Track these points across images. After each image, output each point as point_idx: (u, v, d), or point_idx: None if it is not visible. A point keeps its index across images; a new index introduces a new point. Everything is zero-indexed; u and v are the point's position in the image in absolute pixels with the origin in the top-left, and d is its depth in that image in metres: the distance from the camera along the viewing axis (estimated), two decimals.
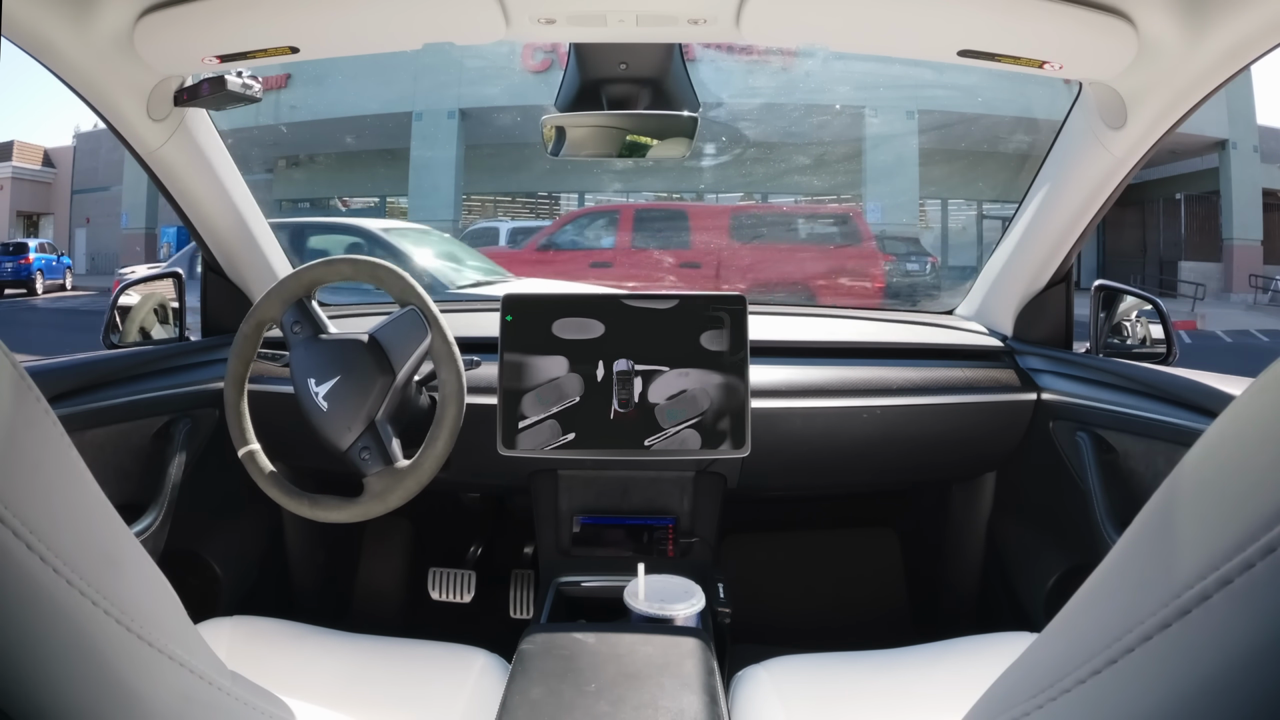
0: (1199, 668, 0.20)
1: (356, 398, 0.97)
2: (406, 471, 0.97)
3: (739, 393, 1.07)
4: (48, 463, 0.28)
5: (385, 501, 0.97)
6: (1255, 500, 0.20)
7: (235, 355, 1.01)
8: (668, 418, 1.07)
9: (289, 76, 12.57)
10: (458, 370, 0.97)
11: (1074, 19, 0.83)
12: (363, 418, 0.97)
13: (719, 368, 1.08)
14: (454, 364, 0.97)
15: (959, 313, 1.44)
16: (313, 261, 1.01)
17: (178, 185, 1.14)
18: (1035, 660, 0.30)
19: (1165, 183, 14.02)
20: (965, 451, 1.28)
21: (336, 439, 0.98)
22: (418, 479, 0.96)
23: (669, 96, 1.07)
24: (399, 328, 0.99)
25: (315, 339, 1.00)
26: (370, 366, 0.97)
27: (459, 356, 0.97)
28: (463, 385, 0.97)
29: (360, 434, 0.98)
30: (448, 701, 0.82)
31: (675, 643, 0.82)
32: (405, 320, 0.99)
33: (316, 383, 0.97)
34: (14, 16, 0.80)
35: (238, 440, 1.01)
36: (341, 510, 0.98)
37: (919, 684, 0.85)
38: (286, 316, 1.01)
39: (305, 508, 0.98)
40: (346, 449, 0.98)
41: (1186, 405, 0.94)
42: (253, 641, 0.90)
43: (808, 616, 1.60)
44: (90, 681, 0.27)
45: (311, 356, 0.99)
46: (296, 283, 1.01)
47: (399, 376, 0.98)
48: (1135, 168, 1.05)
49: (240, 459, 1.01)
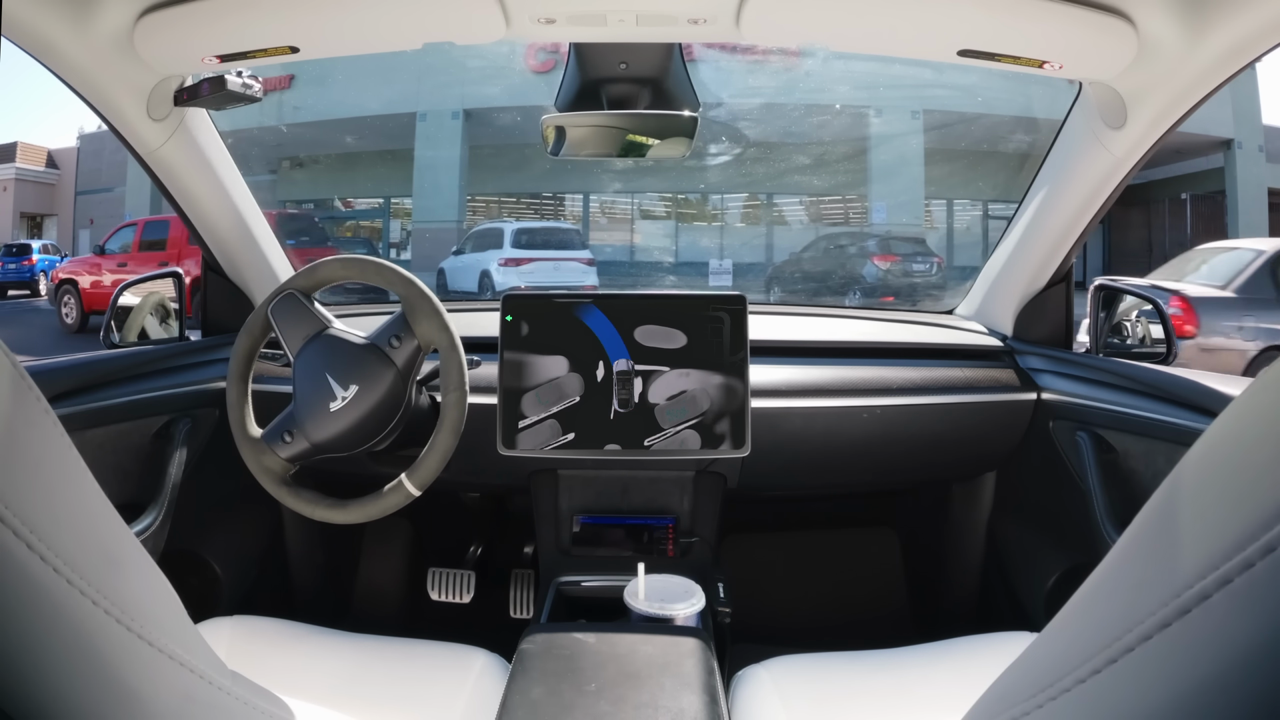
0: (1199, 667, 0.20)
1: (370, 398, 0.96)
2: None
3: (739, 392, 1.07)
4: (48, 462, 0.28)
5: (387, 502, 0.97)
6: (1255, 499, 0.20)
7: (246, 332, 1.01)
8: (668, 418, 1.07)
9: (292, 77, 12.50)
10: (461, 372, 0.96)
11: (1074, 19, 0.83)
12: (377, 419, 0.97)
13: (719, 368, 1.08)
14: (458, 366, 0.96)
15: (959, 312, 1.44)
16: (323, 259, 1.01)
17: (178, 185, 1.14)
18: (1035, 660, 0.30)
19: (1170, 182, 13.93)
20: (965, 451, 1.28)
21: (349, 440, 0.97)
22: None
23: (669, 96, 1.07)
24: (398, 327, 0.98)
25: (325, 335, 0.99)
26: (384, 367, 0.96)
27: (464, 358, 0.97)
28: (465, 388, 0.97)
29: (372, 435, 0.97)
30: (448, 701, 0.82)
31: (675, 642, 0.82)
32: (410, 319, 0.97)
33: (334, 380, 0.96)
34: (14, 16, 0.80)
35: (240, 429, 1.00)
36: (342, 510, 0.98)
37: (919, 684, 0.85)
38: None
39: (306, 507, 0.98)
40: (356, 450, 0.98)
41: (1186, 405, 0.94)
42: (252, 641, 0.90)
43: (808, 616, 1.60)
44: (91, 681, 0.27)
45: (324, 354, 0.98)
46: (309, 279, 1.00)
47: (410, 379, 0.98)
48: (1135, 168, 1.05)
49: (241, 455, 1.00)
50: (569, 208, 13.76)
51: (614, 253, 12.93)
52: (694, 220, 13.55)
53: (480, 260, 10.15)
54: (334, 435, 0.95)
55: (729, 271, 11.75)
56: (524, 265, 9.83)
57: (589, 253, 10.51)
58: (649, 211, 13.55)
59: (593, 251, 10.70)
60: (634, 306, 1.10)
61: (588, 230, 12.70)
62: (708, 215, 13.60)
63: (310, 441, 0.96)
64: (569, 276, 9.77)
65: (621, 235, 13.48)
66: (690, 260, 12.70)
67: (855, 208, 12.59)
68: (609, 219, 13.67)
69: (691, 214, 13.57)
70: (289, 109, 12.63)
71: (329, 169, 14.10)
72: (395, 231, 14.35)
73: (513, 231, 10.32)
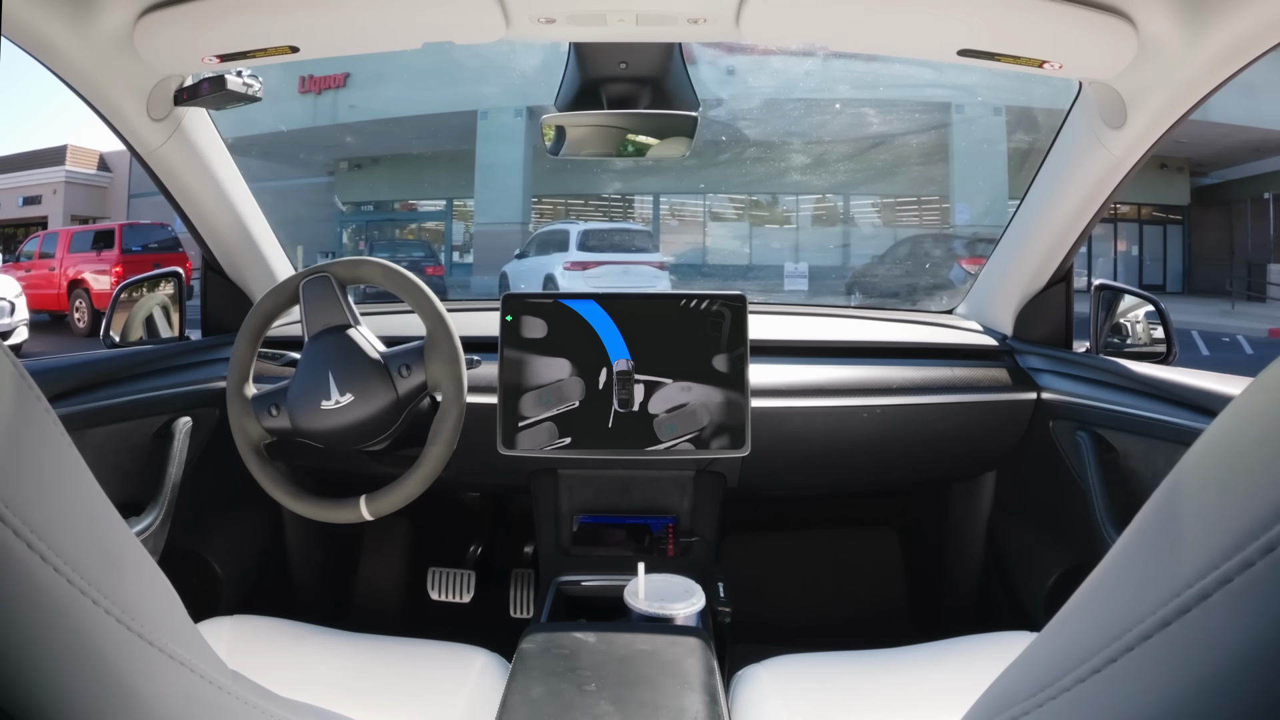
0: (1199, 666, 0.21)
1: (360, 411, 0.96)
2: (408, 472, 0.96)
3: (739, 392, 1.07)
4: (49, 462, 0.28)
5: (336, 514, 0.97)
6: (1254, 499, 0.20)
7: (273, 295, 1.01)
8: (666, 431, 1.07)
9: (347, 75, 12.18)
10: (454, 428, 0.96)
11: (1074, 18, 0.83)
12: (360, 431, 0.97)
13: (721, 382, 1.07)
14: (454, 420, 0.96)
15: (959, 312, 1.44)
16: (369, 259, 1.00)
17: (178, 185, 1.14)
18: (1035, 659, 0.30)
19: (1250, 181, 13.15)
20: (965, 451, 1.28)
21: (329, 438, 0.97)
22: (419, 480, 0.96)
23: (669, 96, 1.07)
24: (413, 357, 0.97)
25: (345, 334, 0.99)
26: (384, 390, 0.96)
27: (463, 411, 0.96)
28: (453, 444, 0.96)
29: (352, 442, 0.98)
30: (448, 700, 0.82)
31: (675, 642, 0.82)
32: (427, 356, 0.97)
33: (334, 380, 0.96)
34: (14, 16, 0.80)
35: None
36: (296, 500, 0.98)
37: (919, 683, 0.85)
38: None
39: (268, 482, 0.99)
40: (335, 448, 0.98)
41: (1186, 405, 0.94)
42: (253, 641, 0.90)
43: (808, 616, 1.60)
44: (91, 681, 0.27)
45: (336, 351, 0.98)
46: (349, 271, 1.00)
47: (406, 408, 0.98)
48: (1135, 167, 1.05)
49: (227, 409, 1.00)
50: (638, 210, 13.25)
51: (685, 256, 12.37)
52: (766, 222, 13.06)
53: (544, 264, 9.63)
54: (316, 430, 0.96)
55: (804, 275, 11.13)
56: (590, 269, 9.18)
57: (660, 256, 9.85)
58: (719, 214, 13.07)
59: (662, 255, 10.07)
60: (635, 305, 1.10)
61: (658, 233, 12.08)
62: (779, 217, 13.09)
63: (293, 424, 0.97)
64: (639, 282, 9.17)
65: (692, 238, 12.97)
66: (763, 263, 12.12)
67: (932, 209, 12.03)
68: (679, 220, 13.18)
69: (763, 215, 13.09)
70: (344, 108, 12.29)
71: (388, 169, 13.72)
72: (458, 234, 13.94)
73: (579, 233, 9.72)
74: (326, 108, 12.27)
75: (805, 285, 10.87)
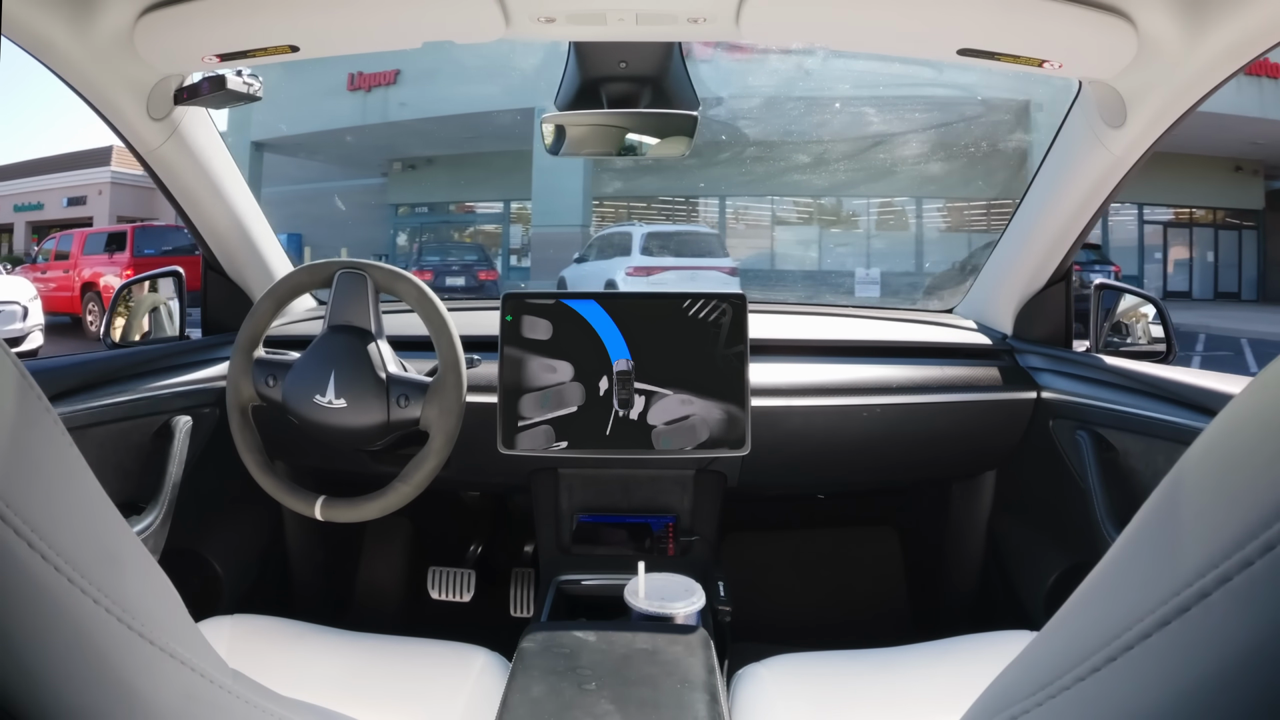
0: (1198, 665, 0.21)
1: (348, 418, 0.96)
2: (371, 495, 0.97)
3: (739, 398, 1.07)
4: (49, 461, 0.28)
5: (296, 505, 0.98)
6: (1254, 498, 0.20)
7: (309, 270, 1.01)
8: (663, 443, 1.07)
9: (398, 72, 11.79)
10: (427, 474, 0.96)
11: (1074, 18, 0.83)
12: (343, 436, 0.97)
13: (721, 394, 1.07)
14: (430, 467, 0.96)
15: (958, 311, 1.44)
16: (412, 279, 0.99)
17: (178, 184, 1.14)
18: (1035, 658, 0.30)
19: None
20: (965, 450, 1.28)
21: (310, 429, 0.98)
22: (376, 508, 0.97)
23: (669, 95, 1.07)
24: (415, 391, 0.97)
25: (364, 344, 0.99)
26: (377, 409, 0.96)
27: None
28: (420, 488, 0.97)
29: (332, 441, 0.98)
30: (448, 700, 0.82)
31: (676, 641, 0.83)
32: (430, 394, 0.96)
33: (334, 381, 0.96)
34: (14, 16, 0.80)
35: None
36: (264, 474, 0.99)
37: (919, 682, 0.85)
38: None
39: (243, 445, 0.99)
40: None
41: (1186, 404, 0.94)
42: (253, 640, 0.90)
43: (808, 615, 1.60)
44: (92, 680, 0.27)
45: (347, 356, 0.98)
46: (387, 279, 1.00)
47: (389, 433, 0.98)
48: (1135, 167, 1.05)
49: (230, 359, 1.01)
50: (704, 213, 12.72)
51: (752, 261, 11.84)
52: (832, 226, 12.61)
53: (605, 268, 9.09)
54: (303, 416, 0.97)
55: (876, 281, 10.51)
56: (655, 274, 8.62)
57: (731, 260, 9.30)
58: (783, 218, 12.63)
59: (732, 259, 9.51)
60: (636, 305, 1.09)
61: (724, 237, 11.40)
62: (846, 220, 12.62)
63: (283, 400, 0.98)
64: (707, 289, 8.70)
65: (759, 242, 12.50)
66: (832, 269, 11.68)
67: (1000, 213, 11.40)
68: (745, 224, 12.71)
69: (830, 219, 12.64)
70: (394, 105, 11.85)
71: (444, 169, 13.24)
72: (516, 236, 13.45)
73: (642, 236, 9.21)
74: (377, 105, 11.91)
75: (877, 292, 10.24)
